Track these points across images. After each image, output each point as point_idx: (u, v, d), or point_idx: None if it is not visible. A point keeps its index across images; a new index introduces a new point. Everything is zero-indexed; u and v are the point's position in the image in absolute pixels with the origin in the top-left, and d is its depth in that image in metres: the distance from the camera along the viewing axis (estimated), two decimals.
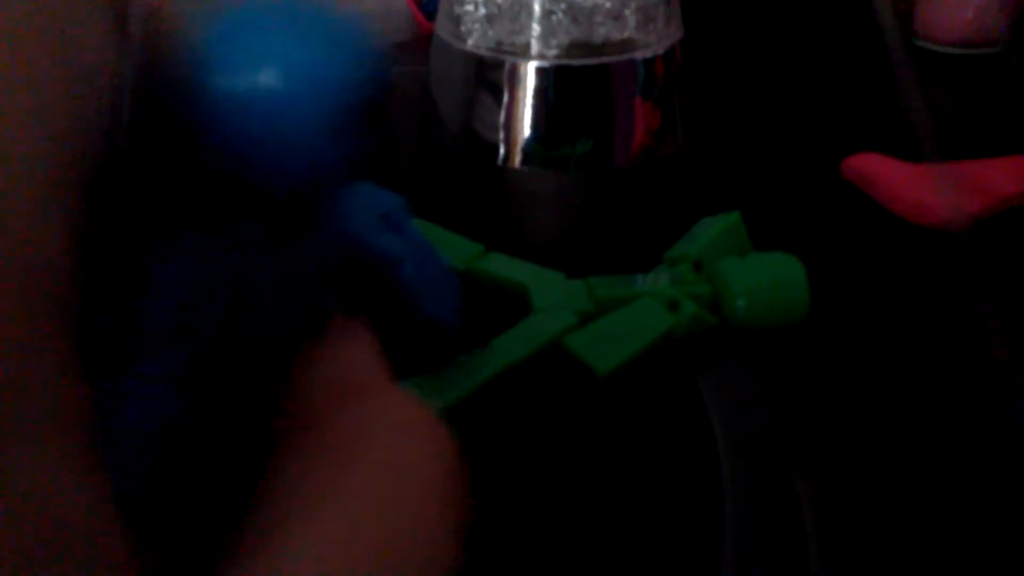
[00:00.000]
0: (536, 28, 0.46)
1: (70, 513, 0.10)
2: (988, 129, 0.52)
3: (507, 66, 0.46)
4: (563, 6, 0.46)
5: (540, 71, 0.46)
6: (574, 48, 0.46)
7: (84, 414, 0.10)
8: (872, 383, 0.33)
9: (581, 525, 0.27)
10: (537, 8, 0.46)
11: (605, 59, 0.46)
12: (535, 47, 0.46)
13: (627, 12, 0.47)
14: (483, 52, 0.47)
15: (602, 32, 0.46)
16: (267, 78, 0.14)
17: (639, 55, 0.47)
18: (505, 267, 0.38)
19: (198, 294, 0.15)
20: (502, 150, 0.48)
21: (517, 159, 0.48)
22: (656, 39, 0.48)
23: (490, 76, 0.47)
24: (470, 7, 0.47)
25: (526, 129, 0.47)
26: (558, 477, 0.29)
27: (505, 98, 0.47)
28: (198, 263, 0.15)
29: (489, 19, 0.47)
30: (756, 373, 0.33)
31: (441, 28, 0.50)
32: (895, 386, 0.33)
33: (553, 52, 0.46)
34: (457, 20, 0.48)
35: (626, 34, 0.47)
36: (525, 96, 0.47)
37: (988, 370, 0.33)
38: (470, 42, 0.48)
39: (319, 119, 0.14)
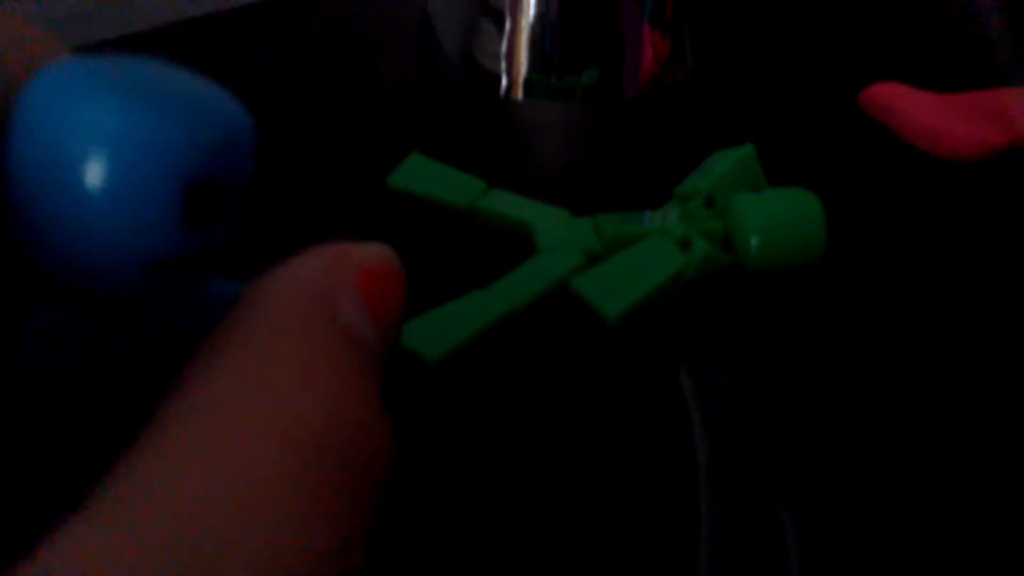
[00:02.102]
0: None
1: None
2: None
3: None
4: None
5: None
6: None
7: None
8: (890, 330, 0.32)
9: (583, 483, 0.26)
10: None
11: None
12: None
13: None
14: None
15: None
16: (77, 155, 0.12)
17: None
18: (508, 204, 0.36)
19: None
20: (504, 81, 0.46)
21: (520, 90, 0.46)
22: None
23: (492, 2, 0.45)
24: None
25: (529, 59, 0.45)
26: (561, 430, 0.28)
27: (507, 26, 0.45)
28: None
29: None
30: (768, 317, 0.32)
31: None
32: (912, 337, 0.31)
33: None
34: None
35: None
36: (528, 24, 0.45)
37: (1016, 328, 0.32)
38: None
39: (140, 208, 0.12)
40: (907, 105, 0.43)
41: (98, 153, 0.12)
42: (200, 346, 0.12)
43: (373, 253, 0.14)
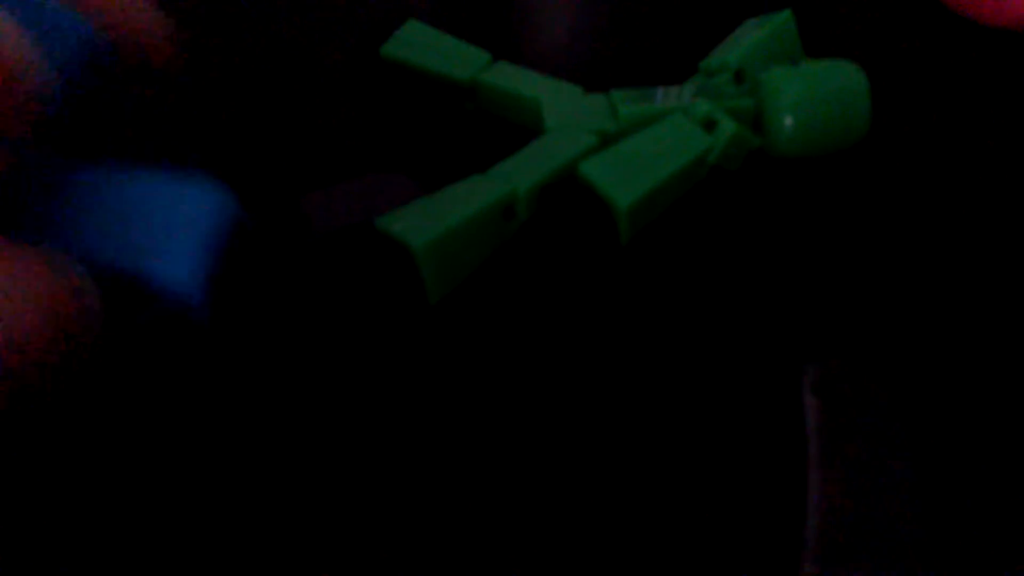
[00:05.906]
0: None
1: None
2: None
3: None
4: None
5: None
6: None
7: None
8: (937, 224, 0.28)
9: (588, 405, 0.24)
10: None
11: None
12: None
13: None
14: None
15: None
16: None
17: None
18: (514, 79, 0.32)
19: None
20: None
21: None
22: None
23: None
24: None
25: None
26: (563, 340, 0.25)
27: None
28: None
29: None
30: (801, 208, 0.28)
31: None
32: (962, 229, 0.28)
33: None
34: None
35: None
36: None
37: None
38: None
39: None
40: None
41: None
42: None
43: None
